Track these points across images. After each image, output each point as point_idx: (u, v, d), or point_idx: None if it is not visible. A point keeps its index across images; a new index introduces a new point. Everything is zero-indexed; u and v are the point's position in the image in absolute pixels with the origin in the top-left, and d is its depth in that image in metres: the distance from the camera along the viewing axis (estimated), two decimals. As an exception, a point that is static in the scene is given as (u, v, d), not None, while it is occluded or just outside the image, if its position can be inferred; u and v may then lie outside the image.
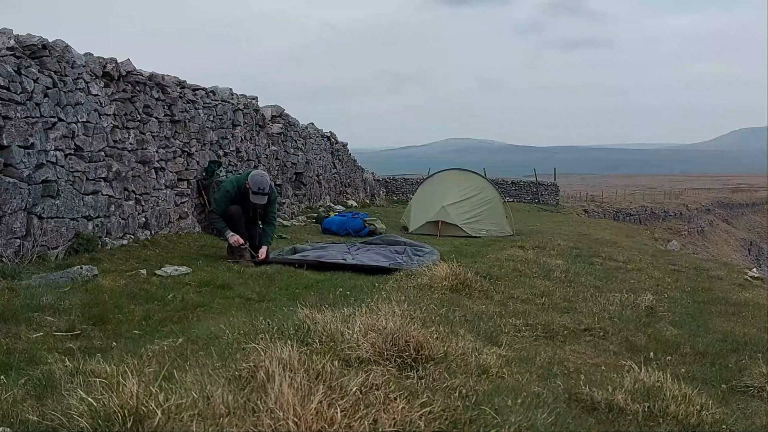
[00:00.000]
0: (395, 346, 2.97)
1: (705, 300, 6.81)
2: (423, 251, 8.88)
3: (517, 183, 36.99)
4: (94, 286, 5.32)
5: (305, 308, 3.48)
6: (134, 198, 8.22)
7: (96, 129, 7.35)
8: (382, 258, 8.15)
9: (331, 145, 18.15)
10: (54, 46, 6.66)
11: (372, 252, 8.66)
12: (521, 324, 4.59)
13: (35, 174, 6.19)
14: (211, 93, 10.51)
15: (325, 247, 8.89)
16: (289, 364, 2.51)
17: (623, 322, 5.15)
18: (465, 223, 13.60)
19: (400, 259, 8.16)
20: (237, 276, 6.66)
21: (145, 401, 2.12)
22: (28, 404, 2.37)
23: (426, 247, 9.22)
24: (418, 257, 8.33)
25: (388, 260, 7.96)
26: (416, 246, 9.27)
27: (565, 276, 7.18)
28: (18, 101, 5.96)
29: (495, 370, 3.11)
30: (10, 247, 5.82)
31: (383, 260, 7.95)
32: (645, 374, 3.11)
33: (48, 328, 4.03)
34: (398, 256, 8.40)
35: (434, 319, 3.81)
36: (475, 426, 2.36)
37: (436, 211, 13.67)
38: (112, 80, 7.81)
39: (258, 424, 2.08)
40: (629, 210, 43.49)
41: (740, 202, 64.70)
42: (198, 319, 4.61)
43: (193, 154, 9.76)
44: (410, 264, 7.49)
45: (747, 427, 2.99)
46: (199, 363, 2.78)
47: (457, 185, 14.58)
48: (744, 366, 4.09)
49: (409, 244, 9.40)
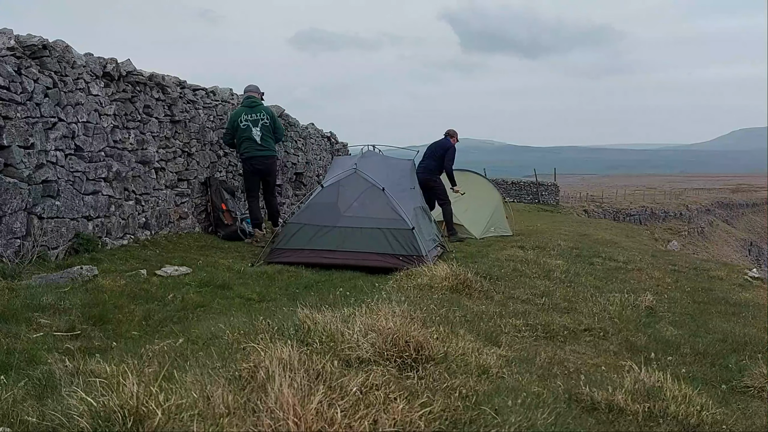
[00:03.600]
0: (395, 347, 2.97)
1: (705, 300, 6.80)
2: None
3: (517, 183, 37.00)
4: (94, 286, 5.31)
5: (305, 308, 3.48)
6: (134, 198, 8.22)
7: (96, 129, 7.35)
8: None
9: (331, 145, 18.16)
10: (54, 46, 6.66)
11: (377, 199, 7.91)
12: (521, 324, 4.59)
13: (35, 174, 6.19)
14: (211, 93, 10.50)
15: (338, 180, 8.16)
16: (289, 364, 2.51)
17: (623, 322, 5.15)
18: (468, 223, 13.61)
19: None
20: (237, 276, 6.66)
21: (145, 401, 2.12)
22: (28, 404, 2.37)
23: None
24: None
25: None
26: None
27: (566, 276, 7.17)
28: (18, 101, 5.96)
29: (495, 370, 3.11)
30: (10, 247, 5.82)
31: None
32: (645, 374, 3.11)
33: (48, 328, 4.03)
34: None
35: (434, 320, 3.81)
36: (475, 426, 2.36)
37: (439, 211, 13.68)
38: (113, 80, 7.81)
39: (258, 424, 2.08)
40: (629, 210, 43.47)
41: (740, 203, 64.67)
42: (198, 319, 4.61)
43: (193, 154, 9.76)
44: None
45: (747, 427, 2.98)
46: (199, 363, 2.78)
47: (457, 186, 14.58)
48: (744, 366, 4.09)
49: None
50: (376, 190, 7.86)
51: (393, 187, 8.07)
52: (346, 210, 7.75)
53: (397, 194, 7.96)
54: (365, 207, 7.79)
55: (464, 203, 13.97)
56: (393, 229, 7.51)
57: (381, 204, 7.79)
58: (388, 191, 7.85)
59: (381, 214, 7.69)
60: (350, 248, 7.45)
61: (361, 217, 7.66)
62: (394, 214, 7.67)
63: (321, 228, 7.61)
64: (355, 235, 7.51)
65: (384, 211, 7.72)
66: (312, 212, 7.89)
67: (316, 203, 8.01)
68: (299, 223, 7.81)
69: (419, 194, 8.97)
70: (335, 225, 7.59)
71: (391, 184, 8.11)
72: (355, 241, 7.49)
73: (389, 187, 7.94)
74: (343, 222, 7.63)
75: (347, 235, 7.52)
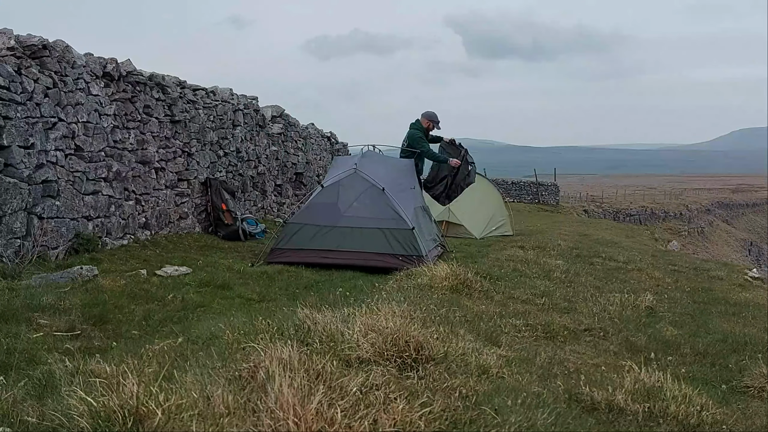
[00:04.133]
0: (395, 347, 2.96)
1: (705, 300, 6.80)
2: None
3: (517, 183, 36.98)
4: (94, 286, 5.31)
5: (305, 308, 3.48)
6: (134, 198, 8.22)
7: (96, 129, 7.35)
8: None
9: (331, 145, 18.15)
10: (54, 46, 6.66)
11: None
12: (521, 324, 4.59)
13: (35, 174, 6.19)
14: (211, 93, 10.51)
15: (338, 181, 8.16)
16: (289, 364, 2.51)
17: (623, 322, 5.14)
18: (468, 223, 13.60)
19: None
20: (237, 276, 6.66)
21: (145, 401, 2.12)
22: (28, 404, 2.37)
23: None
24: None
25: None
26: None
27: (566, 276, 7.17)
28: (18, 101, 5.96)
29: (495, 371, 3.11)
30: (10, 247, 5.82)
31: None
32: (645, 374, 3.11)
33: (48, 328, 4.03)
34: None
35: (434, 320, 3.81)
36: (475, 426, 2.36)
37: (439, 211, 13.67)
38: (113, 80, 7.81)
39: (258, 424, 2.08)
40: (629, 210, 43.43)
41: (740, 203, 64.65)
42: (198, 319, 4.61)
43: (193, 154, 9.76)
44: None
45: (747, 427, 2.98)
46: (199, 363, 2.78)
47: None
48: (744, 366, 4.09)
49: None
50: (377, 189, 7.85)
51: (393, 187, 8.06)
52: (347, 210, 7.74)
53: (397, 194, 7.95)
54: (365, 207, 7.78)
55: (465, 204, 13.97)
56: (393, 229, 7.51)
57: (381, 204, 7.77)
58: (388, 191, 7.85)
59: (381, 214, 7.68)
60: (350, 248, 7.44)
61: (362, 217, 7.65)
62: (395, 214, 7.66)
63: (321, 228, 7.60)
64: (355, 235, 7.50)
65: (384, 211, 7.70)
66: (312, 212, 7.87)
67: (317, 203, 8.00)
68: (299, 223, 7.80)
69: (420, 194, 8.94)
70: (335, 225, 7.58)
71: (392, 183, 8.09)
72: (355, 241, 7.48)
73: (389, 187, 7.93)
74: (343, 222, 7.62)
75: (347, 235, 7.51)
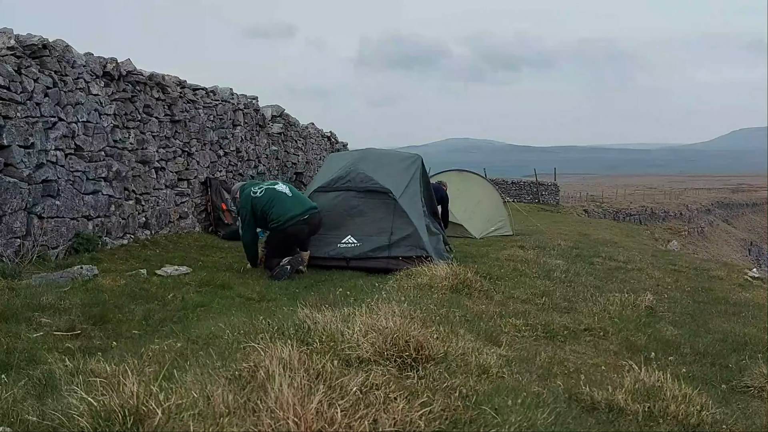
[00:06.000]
0: (395, 346, 2.96)
1: (705, 300, 6.80)
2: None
3: (517, 183, 36.97)
4: (94, 285, 5.32)
5: (305, 308, 3.48)
6: (134, 198, 8.22)
7: (96, 129, 7.35)
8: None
9: (331, 145, 18.14)
10: (54, 46, 6.66)
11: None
12: (521, 324, 4.59)
13: (35, 174, 6.19)
14: (211, 93, 10.51)
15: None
16: (289, 363, 2.51)
17: (623, 322, 5.14)
18: (467, 223, 13.60)
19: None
20: (237, 276, 6.67)
21: (145, 401, 2.12)
22: (28, 404, 2.37)
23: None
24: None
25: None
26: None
27: (566, 276, 7.17)
28: (18, 101, 5.96)
29: (495, 370, 3.11)
30: (10, 247, 5.82)
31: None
32: (645, 374, 3.11)
33: (48, 328, 4.03)
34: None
35: (434, 319, 3.81)
36: (475, 426, 2.36)
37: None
38: (113, 80, 7.81)
39: (258, 424, 2.08)
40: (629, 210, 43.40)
41: (740, 203, 64.61)
42: (198, 319, 4.61)
43: (193, 153, 9.76)
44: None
45: (747, 427, 2.98)
46: (199, 363, 2.78)
47: (456, 186, 14.57)
48: (744, 366, 4.09)
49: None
50: (379, 193, 7.63)
51: (396, 187, 7.80)
52: (348, 224, 7.54)
53: (402, 198, 7.72)
54: (367, 212, 7.59)
55: (464, 204, 13.97)
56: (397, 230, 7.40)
57: (385, 208, 7.58)
58: (394, 194, 7.61)
59: (385, 216, 7.50)
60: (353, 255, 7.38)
61: (365, 227, 7.47)
62: (400, 218, 7.47)
63: (323, 239, 7.45)
64: (357, 248, 7.38)
65: (387, 214, 7.52)
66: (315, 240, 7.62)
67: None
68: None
69: (422, 192, 8.61)
70: (338, 245, 7.42)
71: (394, 183, 7.83)
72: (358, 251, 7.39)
73: (393, 188, 7.69)
74: (344, 239, 7.46)
75: (350, 249, 7.40)
